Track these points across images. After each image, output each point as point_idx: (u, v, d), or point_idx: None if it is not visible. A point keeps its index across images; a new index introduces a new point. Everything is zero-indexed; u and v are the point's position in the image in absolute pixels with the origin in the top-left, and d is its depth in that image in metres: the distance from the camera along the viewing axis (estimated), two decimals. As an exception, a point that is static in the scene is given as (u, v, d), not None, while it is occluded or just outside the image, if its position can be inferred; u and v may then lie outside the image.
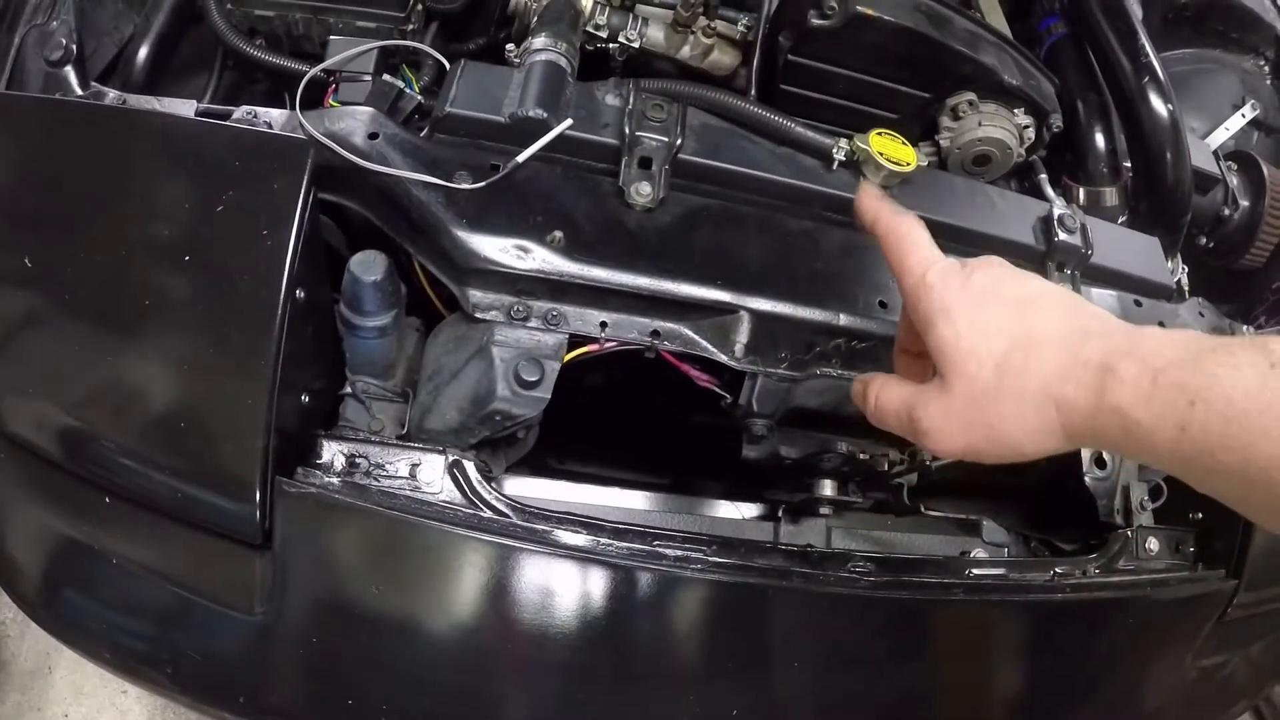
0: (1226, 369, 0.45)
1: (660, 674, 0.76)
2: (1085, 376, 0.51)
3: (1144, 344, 0.49)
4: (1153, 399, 0.47)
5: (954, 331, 0.56)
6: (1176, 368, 0.47)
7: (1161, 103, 1.04)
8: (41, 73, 0.88)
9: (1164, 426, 0.47)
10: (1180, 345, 0.48)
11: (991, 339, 0.55)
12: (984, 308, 0.56)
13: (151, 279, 0.75)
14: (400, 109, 0.87)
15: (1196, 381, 0.46)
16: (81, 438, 0.77)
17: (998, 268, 0.59)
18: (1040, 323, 0.54)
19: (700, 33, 0.97)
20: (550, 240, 0.76)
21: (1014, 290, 0.57)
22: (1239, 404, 0.45)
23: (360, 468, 0.76)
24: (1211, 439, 0.46)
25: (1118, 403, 0.49)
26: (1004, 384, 0.54)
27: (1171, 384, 0.47)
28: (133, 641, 0.82)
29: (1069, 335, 0.53)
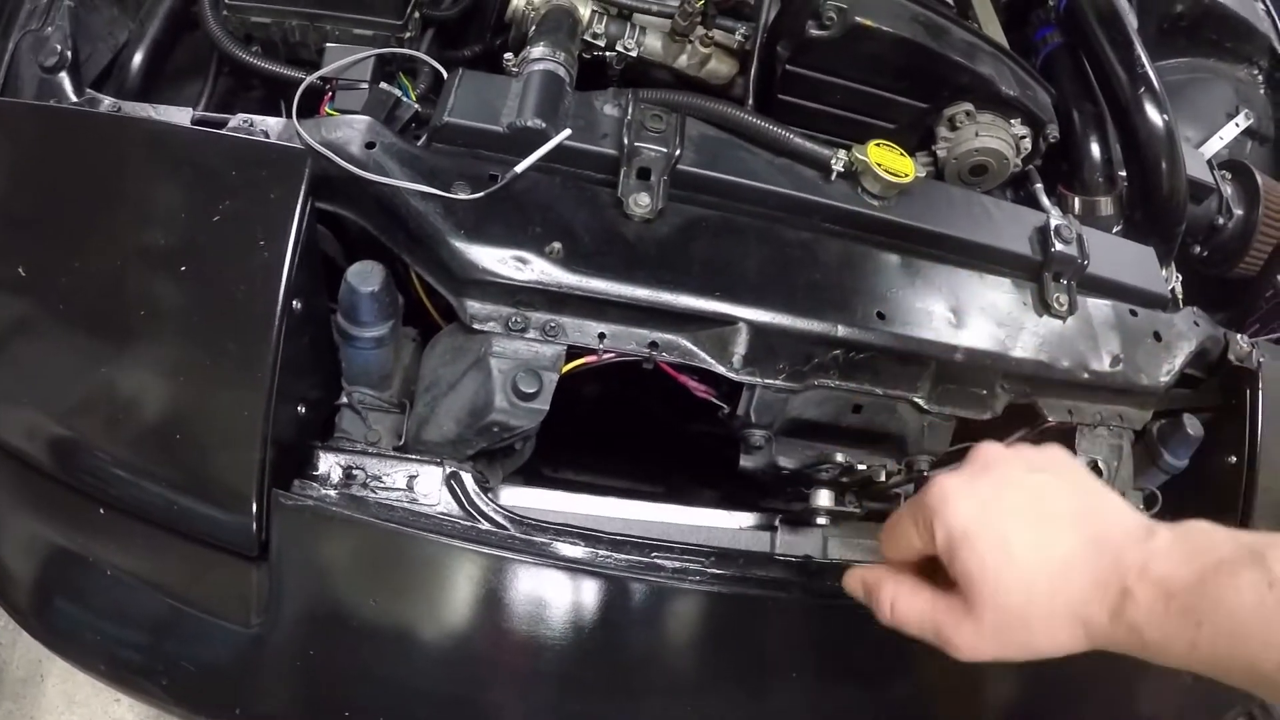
0: (1229, 591, 0.50)
1: (658, 686, 0.76)
2: (1107, 598, 0.54)
3: (1155, 563, 0.53)
4: (1165, 621, 0.52)
5: (979, 560, 0.57)
6: (1186, 593, 0.51)
7: (1157, 112, 1.05)
8: (36, 79, 0.87)
9: (1176, 644, 0.52)
10: (1188, 565, 0.52)
11: (1016, 560, 0.57)
12: (1002, 526, 0.58)
13: (147, 288, 0.75)
14: (397, 117, 0.87)
15: (1203, 605, 0.51)
16: (75, 448, 0.76)
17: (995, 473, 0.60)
18: (1058, 542, 0.57)
19: (698, 42, 0.97)
20: (549, 251, 0.76)
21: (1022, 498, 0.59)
22: (1241, 622, 0.49)
23: (357, 479, 0.76)
24: (1219, 653, 0.51)
25: (1133, 622, 0.53)
26: (1032, 610, 0.56)
27: (1181, 609, 0.51)
28: (127, 652, 0.81)
29: (1092, 553, 0.56)
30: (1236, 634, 0.49)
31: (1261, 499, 0.97)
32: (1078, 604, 0.55)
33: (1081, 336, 0.93)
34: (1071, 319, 0.93)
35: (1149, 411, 0.98)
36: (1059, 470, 0.61)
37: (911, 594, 0.62)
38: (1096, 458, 0.94)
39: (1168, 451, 0.99)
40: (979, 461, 0.62)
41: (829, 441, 0.87)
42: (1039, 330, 0.91)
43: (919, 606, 0.61)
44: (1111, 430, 0.95)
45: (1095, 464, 0.94)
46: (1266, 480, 0.98)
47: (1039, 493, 0.59)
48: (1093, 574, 0.55)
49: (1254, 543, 0.52)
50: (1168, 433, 0.99)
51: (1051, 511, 0.58)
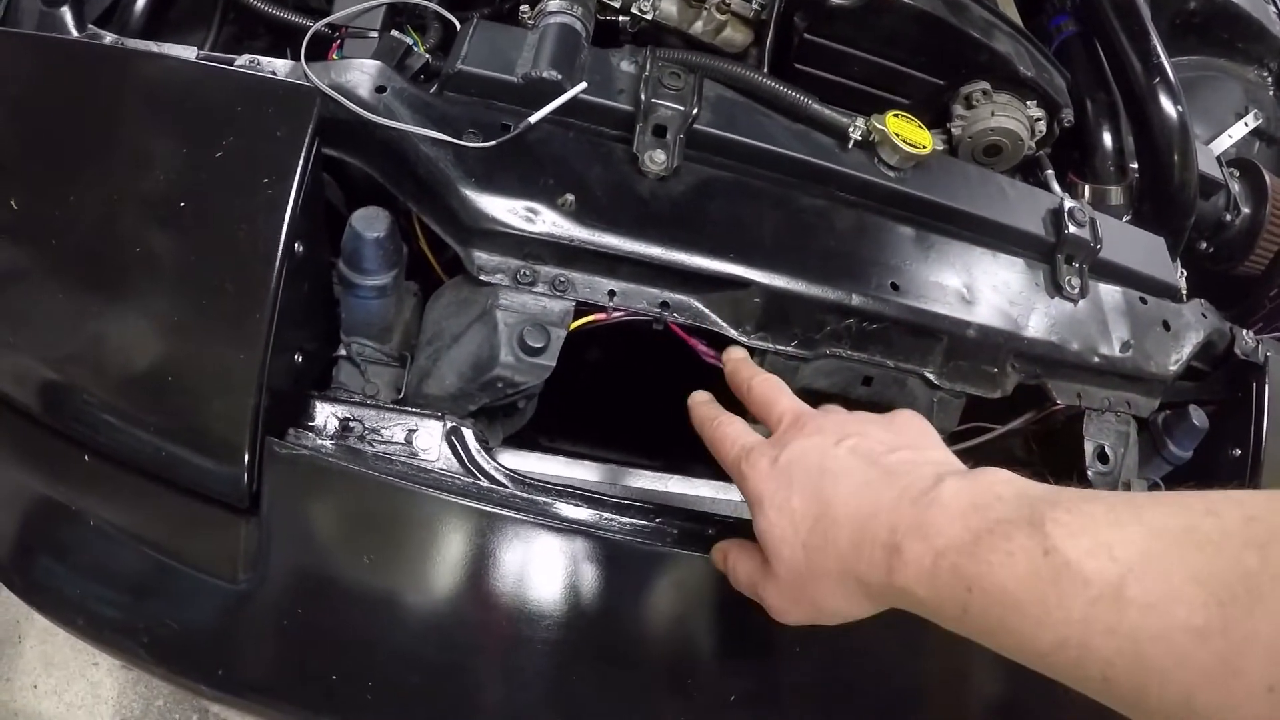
0: (1000, 555, 0.46)
1: (659, 654, 0.74)
2: (875, 554, 0.52)
3: (929, 519, 0.50)
4: (934, 581, 0.49)
5: (766, 521, 0.59)
6: (955, 551, 0.48)
7: (1171, 104, 1.04)
8: (36, 12, 0.84)
9: (948, 607, 0.49)
10: (962, 524, 0.49)
11: (796, 521, 0.57)
12: (789, 489, 0.58)
13: (144, 225, 0.72)
14: (408, 66, 0.84)
15: (973, 569, 0.47)
16: (60, 390, 0.73)
17: (807, 437, 0.61)
18: (836, 496, 0.56)
19: (714, 8, 0.95)
20: (561, 204, 0.74)
21: (815, 462, 0.58)
22: (1012, 593, 0.45)
23: (354, 431, 0.73)
24: (991, 624, 0.47)
25: (904, 583, 0.51)
26: (812, 563, 0.56)
27: (950, 569, 0.48)
28: (107, 609, 0.78)
29: (862, 509, 0.54)
30: (1007, 605, 0.45)
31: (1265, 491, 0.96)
32: (849, 561, 0.54)
33: (1092, 320, 0.92)
34: (1083, 302, 0.92)
35: (1156, 400, 0.97)
36: (864, 433, 0.60)
37: (746, 558, 0.64)
38: (1104, 443, 0.92)
39: (1172, 442, 0.98)
40: (791, 430, 0.62)
41: (837, 414, 0.86)
42: (1050, 311, 0.90)
43: (747, 569, 0.64)
44: (1119, 417, 0.94)
45: (1102, 450, 0.93)
46: (1270, 474, 0.98)
47: (832, 456, 0.58)
48: (862, 528, 0.53)
49: (1037, 503, 0.47)
50: (1173, 423, 0.99)
51: (836, 472, 0.57)
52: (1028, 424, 0.93)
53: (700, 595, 0.74)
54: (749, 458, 0.62)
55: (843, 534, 0.54)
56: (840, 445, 0.59)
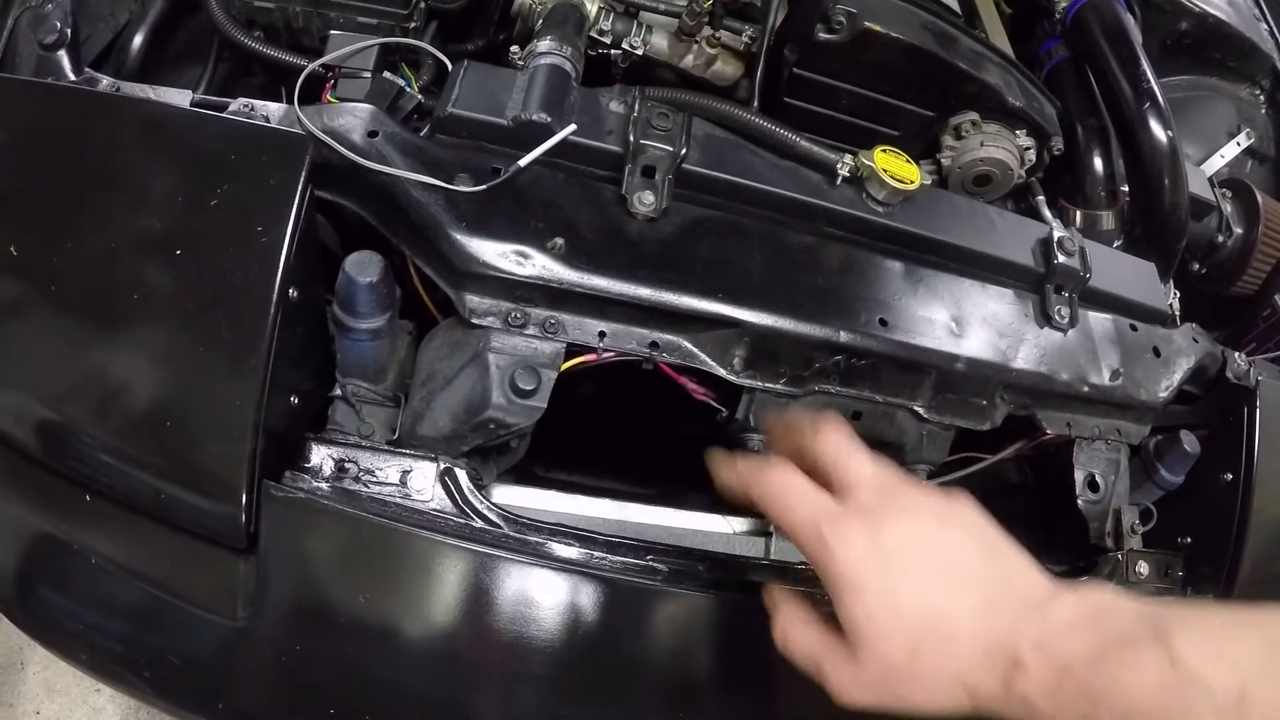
0: (1130, 670, 0.48)
1: (650, 690, 0.75)
2: (996, 666, 0.52)
3: (1053, 634, 0.51)
4: (1059, 697, 0.50)
5: (864, 610, 0.54)
6: (1082, 666, 0.49)
7: (1161, 128, 1.05)
8: (34, 56, 0.85)
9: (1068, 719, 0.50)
10: (1088, 638, 0.50)
11: (903, 618, 0.54)
12: (894, 579, 0.54)
13: (141, 271, 0.73)
14: (400, 107, 0.86)
15: (1100, 684, 0.48)
16: (63, 432, 0.75)
17: (908, 519, 0.57)
18: (953, 601, 0.54)
19: (704, 42, 0.96)
20: (551, 247, 0.75)
21: (923, 552, 0.55)
22: (1139, 706, 0.47)
23: (349, 473, 0.74)
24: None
25: (1025, 694, 0.51)
26: (917, 668, 0.54)
27: (1077, 685, 0.49)
28: (109, 642, 0.80)
29: (985, 616, 0.53)
30: (1134, 716, 0.47)
31: (1256, 517, 0.97)
32: (965, 670, 0.53)
33: (1082, 349, 0.93)
34: (1072, 332, 0.93)
35: (1147, 427, 0.98)
36: (965, 524, 0.58)
37: (805, 625, 0.60)
38: (1094, 471, 0.93)
39: (1164, 468, 0.99)
40: (882, 502, 0.57)
41: (827, 448, 0.86)
42: (1040, 342, 0.90)
43: (809, 640, 0.59)
44: (1109, 444, 0.95)
45: (1092, 478, 0.93)
46: (1262, 498, 0.98)
47: (939, 547, 0.56)
48: (984, 641, 0.53)
49: (1158, 618, 0.49)
50: (1164, 449, 0.99)
51: (949, 569, 0.55)
52: (1018, 453, 0.94)
53: (690, 632, 0.75)
54: (835, 527, 0.56)
55: (961, 644, 0.53)
56: (947, 533, 0.56)
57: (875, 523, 0.56)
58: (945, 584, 0.54)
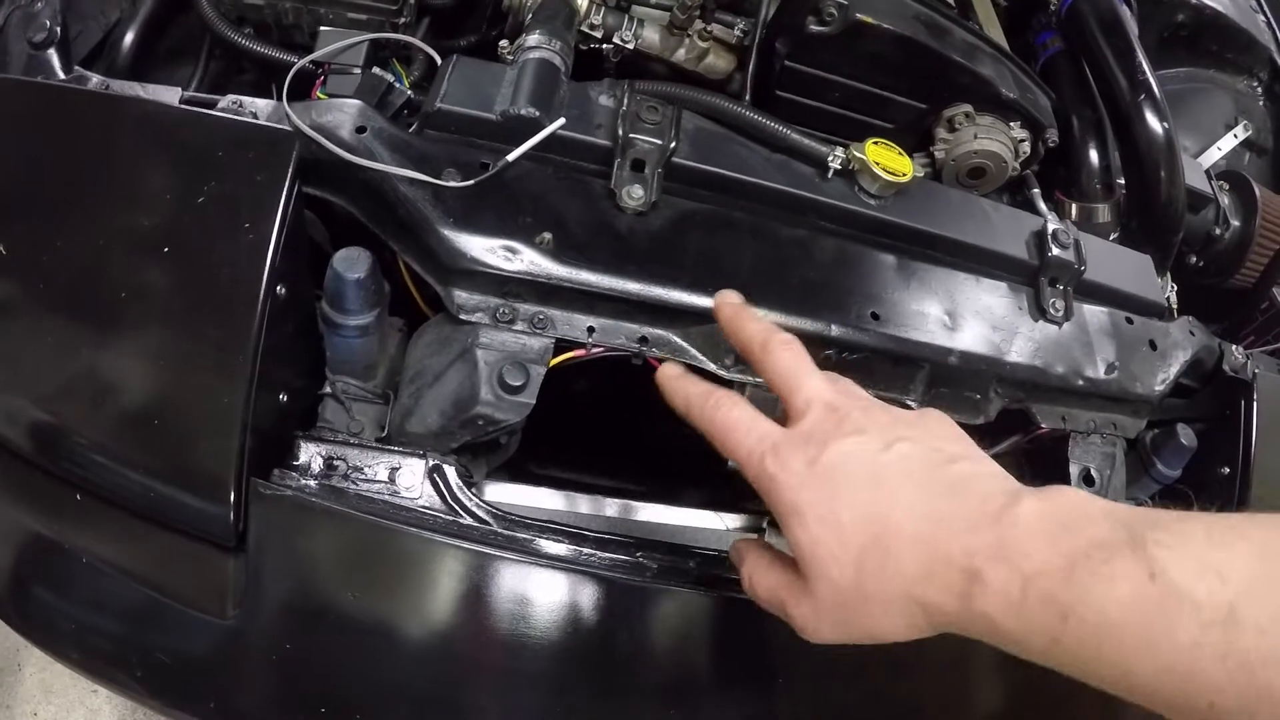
0: (1100, 581, 0.43)
1: (641, 687, 0.74)
2: (949, 578, 0.48)
3: (1013, 541, 0.46)
4: (1023, 609, 0.45)
5: (808, 536, 0.52)
6: (1047, 577, 0.45)
7: (1157, 120, 1.04)
8: (24, 55, 0.85)
9: (1035, 638, 0.46)
10: (1053, 547, 0.45)
11: (846, 537, 0.51)
12: (835, 498, 0.52)
13: (129, 269, 0.73)
14: (389, 103, 0.85)
15: (1068, 595, 0.44)
16: (51, 431, 0.75)
17: (849, 437, 0.54)
18: (895, 510, 0.51)
19: (696, 36, 0.96)
20: (539, 242, 0.75)
21: (867, 471, 0.52)
22: (1116, 623, 0.43)
23: (338, 470, 0.74)
24: (1086, 653, 0.44)
25: (984, 609, 0.47)
26: (865, 586, 0.51)
27: (1042, 595, 0.45)
28: (101, 642, 0.80)
29: (929, 526, 0.49)
30: (1107, 632, 0.43)
31: (1254, 510, 0.96)
32: (915, 587, 0.49)
33: (1077, 343, 0.92)
34: (1067, 325, 0.92)
35: (1143, 420, 0.98)
36: (915, 437, 0.54)
37: (767, 569, 0.58)
38: (1089, 465, 0.93)
39: (1161, 461, 0.98)
40: (828, 425, 0.55)
41: (819, 443, 0.86)
42: (1034, 335, 0.90)
43: (770, 582, 0.57)
44: (1105, 438, 0.94)
45: (1088, 472, 0.93)
46: (1260, 492, 0.98)
47: (884, 462, 0.52)
48: (934, 553, 0.48)
49: (1134, 524, 0.45)
50: (1161, 442, 0.99)
51: (893, 483, 0.51)
52: (1013, 447, 0.93)
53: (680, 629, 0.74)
54: (777, 455, 0.54)
55: (908, 556, 0.49)
56: (891, 451, 0.53)
57: (819, 445, 0.54)
58: (888, 498, 0.51)
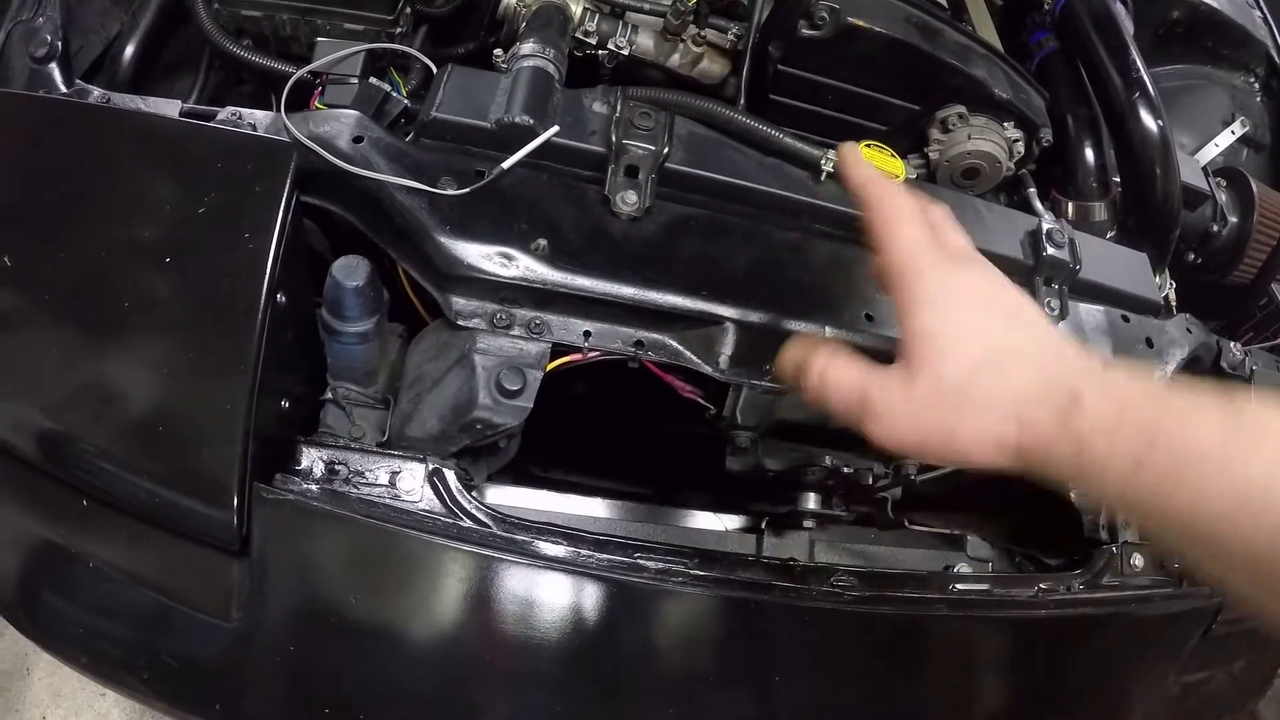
0: (1190, 410, 0.46)
1: (641, 687, 0.75)
2: (1052, 399, 0.51)
3: (1114, 379, 0.51)
4: (1115, 432, 0.48)
5: (935, 326, 0.55)
6: (1141, 405, 0.48)
7: (1151, 118, 1.04)
8: (26, 69, 0.86)
9: (1120, 460, 0.48)
10: (1147, 386, 0.49)
11: (970, 342, 0.54)
12: (968, 309, 0.56)
13: (131, 280, 0.74)
14: (386, 112, 0.86)
15: (1159, 422, 0.47)
16: (58, 439, 0.76)
17: (985, 270, 0.59)
18: (1019, 338, 0.55)
19: (690, 41, 0.96)
20: (534, 248, 0.76)
21: (999, 297, 0.57)
22: (1199, 451, 0.45)
23: (340, 475, 0.75)
24: (1165, 480, 0.46)
25: (1078, 429, 0.49)
26: (971, 391, 0.53)
27: (1135, 421, 0.47)
28: (109, 646, 0.81)
29: (1044, 355, 0.53)
30: (1190, 462, 0.45)
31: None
32: (1021, 398, 0.52)
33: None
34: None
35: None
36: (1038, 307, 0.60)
37: (846, 363, 0.60)
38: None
39: (1158, 458, 0.99)
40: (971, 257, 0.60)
41: (816, 444, 0.87)
42: (1029, 334, 0.90)
43: (851, 375, 0.59)
44: (1101, 436, 0.95)
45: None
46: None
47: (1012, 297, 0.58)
48: (1045, 373, 0.52)
49: (1220, 390, 0.48)
50: (1158, 440, 0.99)
51: (1020, 315, 0.56)
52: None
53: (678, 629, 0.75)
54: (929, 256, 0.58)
55: (1021, 371, 0.53)
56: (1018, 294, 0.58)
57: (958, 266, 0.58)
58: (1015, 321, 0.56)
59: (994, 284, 0.58)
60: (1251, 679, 1.12)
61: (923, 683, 0.85)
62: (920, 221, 0.61)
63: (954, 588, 0.85)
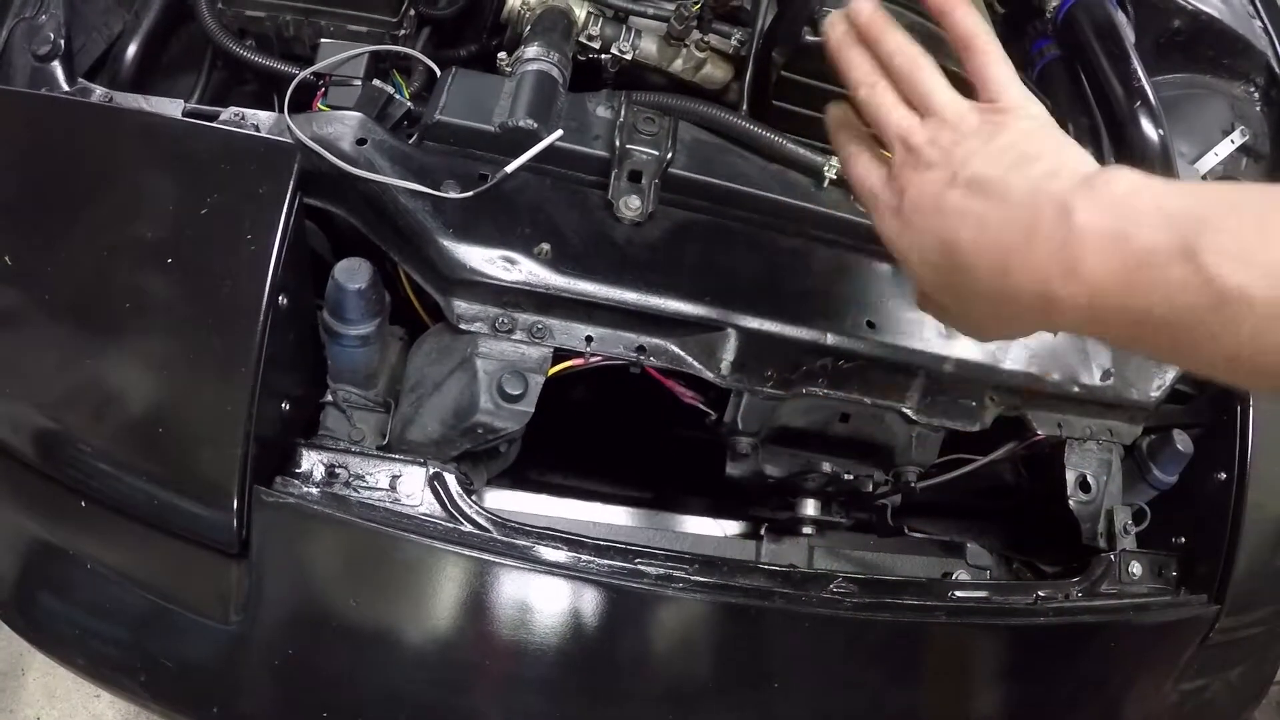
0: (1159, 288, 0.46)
1: (639, 693, 0.75)
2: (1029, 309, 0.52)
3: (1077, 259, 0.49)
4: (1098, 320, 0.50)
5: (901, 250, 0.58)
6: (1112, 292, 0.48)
7: (1152, 127, 1.04)
8: (28, 67, 0.86)
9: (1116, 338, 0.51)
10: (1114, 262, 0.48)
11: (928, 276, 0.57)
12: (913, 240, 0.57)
13: (133, 280, 0.74)
14: (389, 115, 0.86)
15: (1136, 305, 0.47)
16: (57, 440, 0.76)
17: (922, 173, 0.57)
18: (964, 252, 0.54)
19: (693, 46, 0.96)
20: (537, 252, 0.76)
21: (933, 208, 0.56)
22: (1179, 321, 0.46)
23: (340, 478, 0.75)
24: (1164, 346, 0.48)
25: (1065, 325, 0.52)
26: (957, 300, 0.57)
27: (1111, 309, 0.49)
28: (106, 648, 0.81)
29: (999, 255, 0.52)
30: (1179, 333, 0.46)
31: (1250, 516, 0.97)
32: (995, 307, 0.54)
33: (1072, 349, 0.92)
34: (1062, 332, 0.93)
35: (1139, 427, 0.98)
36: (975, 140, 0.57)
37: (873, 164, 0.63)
38: (1085, 472, 0.93)
39: (1157, 467, 0.99)
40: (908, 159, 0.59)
41: (816, 450, 0.87)
42: (1029, 342, 0.90)
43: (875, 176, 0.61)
44: (1101, 445, 0.95)
45: (1084, 478, 0.93)
46: (1256, 497, 0.98)
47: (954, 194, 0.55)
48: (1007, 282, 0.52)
49: (1185, 223, 0.46)
50: (1157, 448, 0.99)
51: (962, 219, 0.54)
52: (1009, 454, 0.94)
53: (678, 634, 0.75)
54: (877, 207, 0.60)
55: (983, 284, 0.53)
56: (954, 187, 0.55)
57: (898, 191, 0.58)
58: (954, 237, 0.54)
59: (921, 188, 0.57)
60: (1248, 686, 1.12)
61: (922, 690, 0.85)
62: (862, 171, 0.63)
63: (953, 595, 0.86)
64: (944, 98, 0.60)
